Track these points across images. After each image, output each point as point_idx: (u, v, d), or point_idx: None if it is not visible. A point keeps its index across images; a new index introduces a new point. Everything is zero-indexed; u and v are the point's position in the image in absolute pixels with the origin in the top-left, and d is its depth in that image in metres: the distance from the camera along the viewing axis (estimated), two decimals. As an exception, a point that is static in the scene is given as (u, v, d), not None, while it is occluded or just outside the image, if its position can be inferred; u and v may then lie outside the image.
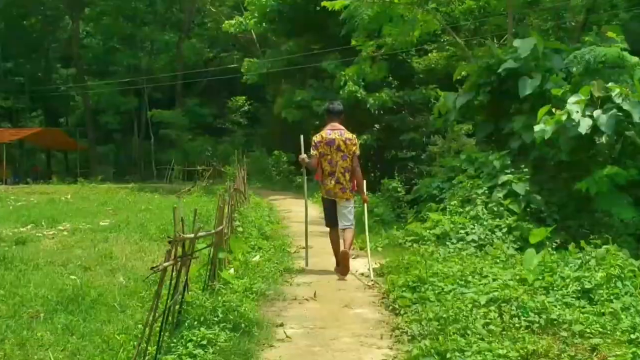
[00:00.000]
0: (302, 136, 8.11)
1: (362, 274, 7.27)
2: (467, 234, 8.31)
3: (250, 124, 36.66)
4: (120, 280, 7.76)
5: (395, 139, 21.28)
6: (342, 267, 7.16)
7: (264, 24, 23.25)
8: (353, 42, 14.05)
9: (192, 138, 33.35)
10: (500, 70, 9.32)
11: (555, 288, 5.94)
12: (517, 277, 6.24)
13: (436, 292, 5.75)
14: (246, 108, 33.96)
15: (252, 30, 24.90)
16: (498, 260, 7.47)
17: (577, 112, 7.53)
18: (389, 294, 6.09)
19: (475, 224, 8.48)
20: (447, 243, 8.20)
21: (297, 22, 22.89)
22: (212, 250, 6.02)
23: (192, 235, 4.75)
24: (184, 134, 33.78)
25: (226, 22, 23.38)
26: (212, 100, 40.61)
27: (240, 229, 8.61)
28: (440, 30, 21.17)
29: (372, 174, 22.64)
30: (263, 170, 27.73)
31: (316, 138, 7.38)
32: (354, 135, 7.52)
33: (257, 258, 7.82)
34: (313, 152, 7.33)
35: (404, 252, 8.28)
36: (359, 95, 19.25)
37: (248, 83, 25.20)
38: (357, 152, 7.39)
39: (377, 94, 19.60)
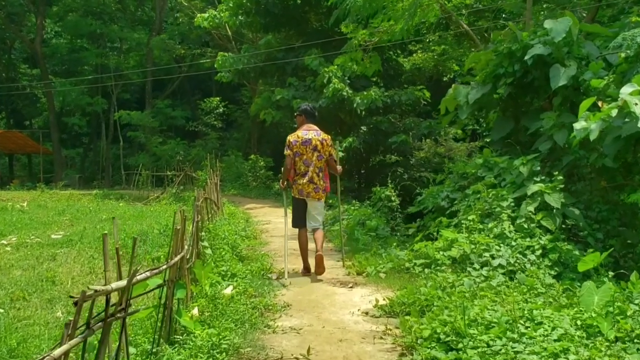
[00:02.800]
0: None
1: (367, 313, 5.56)
2: (492, 257, 6.65)
3: (225, 127, 34.86)
4: (57, 314, 6.16)
5: (384, 142, 19.64)
6: (317, 268, 7.06)
7: (239, 17, 21.40)
8: (343, 29, 12.27)
9: (162, 141, 31.36)
10: (526, 57, 7.66)
11: (636, 339, 4.36)
12: (580, 324, 4.64)
13: (480, 350, 4.09)
14: (221, 110, 32.06)
15: (226, 25, 23.05)
16: (538, 293, 5.88)
17: (637, 104, 5.91)
18: (412, 350, 4.40)
19: (502, 245, 6.84)
20: (469, 269, 6.53)
21: (276, 15, 21.12)
22: (165, 290, 4.30)
23: (124, 283, 3.02)
24: (153, 137, 31.77)
25: (199, 15, 21.50)
26: (185, 102, 38.74)
27: (208, 250, 6.84)
28: (431, 23, 19.73)
29: (357, 181, 20.97)
30: (239, 176, 25.97)
31: (291, 137, 7.28)
32: (329, 136, 7.41)
33: (229, 290, 6.09)
34: (287, 151, 7.24)
35: (413, 280, 6.62)
36: (345, 93, 17.53)
37: (222, 81, 23.34)
38: (333, 152, 7.40)
39: (364, 93, 17.91)
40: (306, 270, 7.38)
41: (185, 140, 33.27)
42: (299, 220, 7.38)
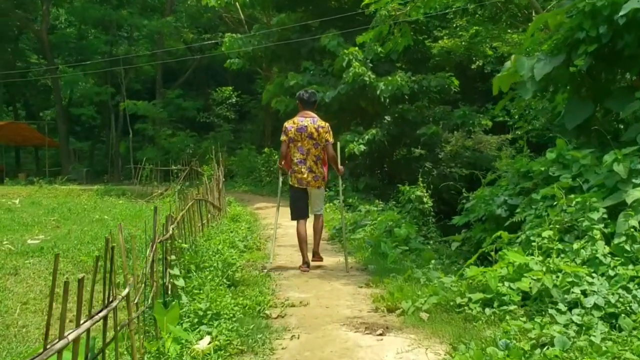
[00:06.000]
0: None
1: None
2: (583, 293, 4.64)
3: (239, 119, 32.96)
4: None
5: (410, 134, 17.55)
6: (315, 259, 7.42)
7: (250, -5, 19.43)
8: (366, 1, 10.17)
9: (171, 133, 29.53)
10: (619, 14, 5.58)
11: None
12: None
13: None
14: (233, 100, 30.13)
15: (237, 4, 21.05)
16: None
17: None
18: None
19: (595, 275, 4.83)
20: (551, 311, 4.52)
21: (290, -7, 19.16)
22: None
23: None
24: (162, 128, 29.94)
25: (207, -5, 19.57)
26: (200, 93, 36.88)
27: (180, 282, 4.88)
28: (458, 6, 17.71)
29: (380, 177, 18.88)
30: (251, 170, 24.07)
31: (287, 124, 7.22)
32: (327, 124, 7.24)
33: (204, 344, 4.15)
34: (283, 137, 7.17)
35: (471, 326, 4.62)
36: (366, 78, 15.45)
37: (233, 68, 21.39)
38: (331, 139, 7.20)
39: (389, 78, 15.80)
40: (305, 265, 7.19)
41: (198, 132, 31.46)
42: (298, 211, 7.33)
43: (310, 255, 7.33)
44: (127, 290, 3.41)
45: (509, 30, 18.77)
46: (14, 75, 35.13)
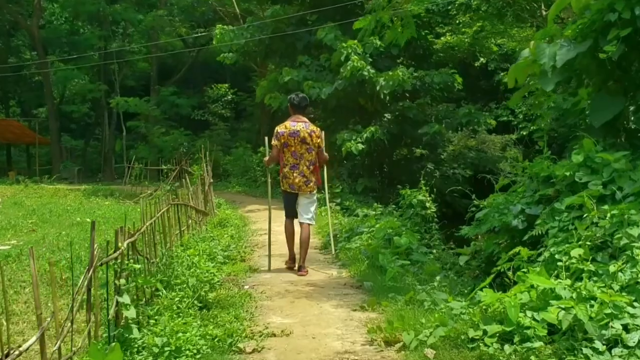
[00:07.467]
0: (266, 137, 7.72)
1: None
2: (625, 328, 3.78)
3: (235, 117, 32.10)
4: None
5: (411, 133, 16.69)
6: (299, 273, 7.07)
7: (244, -14, 18.59)
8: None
9: (165, 132, 28.67)
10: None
11: None
12: None
13: None
14: (229, 97, 29.25)
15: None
16: None
17: None
18: None
19: (637, 305, 3.96)
20: (585, 350, 3.68)
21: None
22: None
23: None
24: (155, 126, 29.06)
25: (201, -15, 18.76)
26: (195, 90, 36.01)
27: (130, 312, 3.99)
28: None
29: (380, 179, 18.01)
30: (246, 170, 23.23)
31: (279, 128, 7.18)
32: (319, 129, 7.28)
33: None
34: (274, 142, 7.12)
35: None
36: (365, 73, 14.58)
37: (227, 63, 20.49)
38: (322, 144, 7.24)
39: (389, 73, 14.93)
40: (291, 261, 7.36)
41: (193, 131, 30.58)
42: (290, 213, 7.31)
43: (296, 265, 7.25)
44: (36, 336, 2.55)
45: (515, 26, 17.96)
46: (6, 71, 34.32)
